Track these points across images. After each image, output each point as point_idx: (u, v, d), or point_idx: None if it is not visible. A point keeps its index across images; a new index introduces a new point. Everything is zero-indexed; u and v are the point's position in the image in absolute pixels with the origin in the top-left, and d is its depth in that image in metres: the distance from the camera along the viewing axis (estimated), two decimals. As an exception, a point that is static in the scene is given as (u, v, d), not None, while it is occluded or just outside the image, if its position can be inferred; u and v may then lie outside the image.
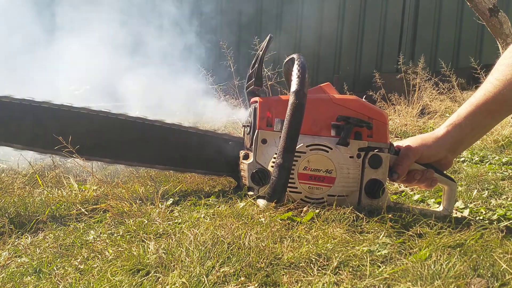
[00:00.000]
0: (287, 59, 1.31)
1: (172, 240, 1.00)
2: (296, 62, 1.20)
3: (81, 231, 1.14)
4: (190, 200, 1.35)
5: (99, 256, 0.97)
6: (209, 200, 1.33)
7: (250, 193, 1.31)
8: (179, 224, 1.13)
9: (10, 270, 0.94)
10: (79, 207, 1.28)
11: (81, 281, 0.86)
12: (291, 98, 1.16)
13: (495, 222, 1.21)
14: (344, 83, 4.80)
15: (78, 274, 0.90)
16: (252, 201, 1.25)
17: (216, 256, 0.91)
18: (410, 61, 4.72)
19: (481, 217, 1.33)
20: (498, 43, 3.47)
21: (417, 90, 4.18)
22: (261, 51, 1.37)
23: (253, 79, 1.39)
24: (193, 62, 3.40)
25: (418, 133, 3.25)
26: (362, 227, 1.10)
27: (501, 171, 1.99)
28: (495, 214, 1.35)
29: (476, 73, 3.66)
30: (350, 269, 0.88)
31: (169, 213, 1.23)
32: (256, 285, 0.83)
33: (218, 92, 3.62)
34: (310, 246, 0.95)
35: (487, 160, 2.26)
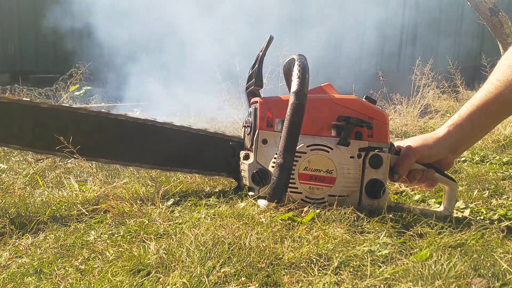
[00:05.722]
0: (287, 60, 1.31)
1: (172, 240, 1.00)
2: (296, 63, 1.20)
3: (81, 231, 1.14)
4: (191, 200, 1.35)
5: (100, 257, 0.97)
6: (209, 200, 1.33)
7: (251, 193, 1.31)
8: (179, 224, 1.13)
9: (11, 270, 0.94)
10: (80, 208, 1.29)
11: (81, 282, 0.86)
12: (291, 99, 1.16)
13: (496, 222, 1.21)
14: (353, 84, 4.75)
15: (79, 274, 0.90)
16: (253, 201, 1.25)
17: (216, 256, 0.91)
18: (414, 60, 4.70)
19: (481, 217, 1.33)
20: (498, 42, 3.47)
21: (421, 90, 4.17)
22: (261, 51, 1.37)
23: (253, 79, 1.39)
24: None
25: (418, 133, 3.25)
26: (363, 227, 1.10)
27: (501, 171, 1.99)
28: (496, 214, 1.35)
29: (477, 73, 3.66)
30: (351, 269, 0.88)
31: (170, 213, 1.23)
32: (256, 285, 0.83)
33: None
34: (311, 246, 0.95)
35: (487, 160, 2.25)
